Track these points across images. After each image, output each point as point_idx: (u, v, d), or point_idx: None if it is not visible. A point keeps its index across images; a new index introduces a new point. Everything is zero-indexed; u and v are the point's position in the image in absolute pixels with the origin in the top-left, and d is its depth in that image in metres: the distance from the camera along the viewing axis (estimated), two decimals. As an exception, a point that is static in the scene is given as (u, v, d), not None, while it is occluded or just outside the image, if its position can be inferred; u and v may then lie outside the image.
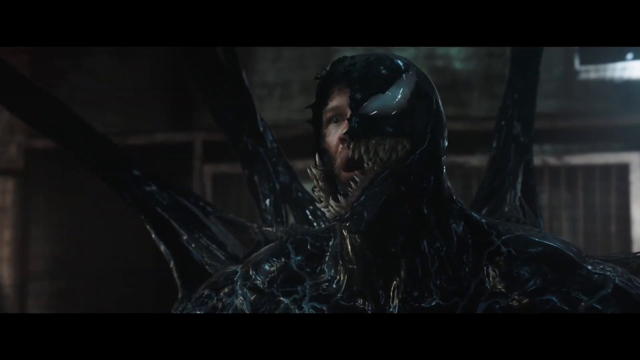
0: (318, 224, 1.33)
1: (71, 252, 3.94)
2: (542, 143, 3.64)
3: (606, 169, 3.51)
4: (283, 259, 1.07)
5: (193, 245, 1.30)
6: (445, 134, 1.00)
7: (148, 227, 1.32)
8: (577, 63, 3.89)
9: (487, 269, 0.97)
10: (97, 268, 3.93)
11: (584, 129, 3.58)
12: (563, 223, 3.60)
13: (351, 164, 0.94)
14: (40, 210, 3.94)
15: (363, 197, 0.92)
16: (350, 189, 0.93)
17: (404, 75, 0.95)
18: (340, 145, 0.95)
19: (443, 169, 0.99)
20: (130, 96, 4.09)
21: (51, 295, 3.91)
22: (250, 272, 1.07)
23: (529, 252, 0.98)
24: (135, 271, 3.97)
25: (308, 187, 1.16)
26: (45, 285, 3.90)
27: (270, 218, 1.37)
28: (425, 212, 0.96)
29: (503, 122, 1.38)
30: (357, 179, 0.93)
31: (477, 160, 3.49)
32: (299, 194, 1.38)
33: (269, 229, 1.32)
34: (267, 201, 1.38)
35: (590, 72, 3.90)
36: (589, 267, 0.97)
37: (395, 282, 0.96)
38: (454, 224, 0.99)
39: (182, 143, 3.83)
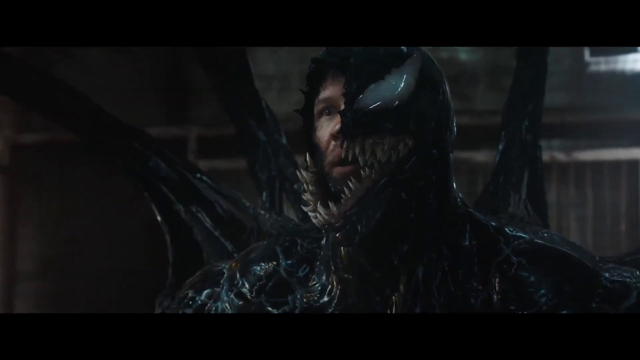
0: None
1: (61, 252, 3.94)
2: (550, 138, 3.64)
3: (616, 165, 3.51)
4: (272, 264, 1.01)
5: (189, 217, 1.27)
6: (454, 126, 0.92)
7: (146, 195, 1.31)
8: (586, 55, 3.89)
9: (495, 281, 0.90)
10: (89, 268, 3.93)
11: (594, 124, 3.58)
12: (571, 222, 3.60)
13: (345, 162, 0.86)
14: (28, 208, 3.94)
15: (357, 207, 0.84)
16: (343, 195, 0.85)
17: (407, 61, 0.86)
18: (333, 142, 0.88)
19: (450, 167, 0.91)
20: (121, 88, 4.09)
21: (40, 296, 3.91)
22: (237, 277, 1.02)
23: (542, 262, 0.91)
24: (130, 271, 3.97)
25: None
26: (34, 285, 3.90)
27: (267, 207, 1.35)
28: (430, 217, 0.88)
29: (509, 120, 1.34)
30: (351, 185, 0.85)
31: (483, 156, 3.49)
32: (299, 185, 1.33)
33: (264, 212, 1.29)
34: (264, 192, 1.36)
35: (601, 65, 3.91)
36: (606, 275, 0.92)
37: (394, 297, 0.90)
38: (460, 230, 0.91)
39: (175, 138, 3.83)
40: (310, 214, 0.89)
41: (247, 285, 1.01)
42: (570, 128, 3.58)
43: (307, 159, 0.92)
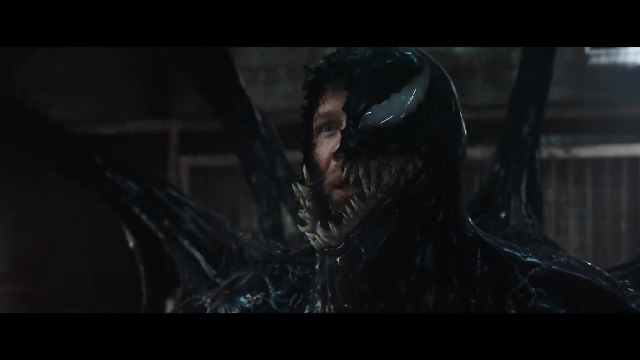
0: None
1: (36, 253, 3.91)
2: (548, 134, 3.65)
3: (617, 162, 3.53)
4: (260, 295, 0.97)
5: (162, 236, 1.25)
6: (464, 141, 0.88)
7: (117, 217, 1.30)
8: (586, 47, 3.92)
9: (511, 312, 0.87)
10: (65, 270, 3.91)
11: (594, 119, 3.58)
12: (570, 221, 3.62)
13: (346, 184, 0.81)
14: (1, 207, 3.91)
15: (361, 228, 0.79)
16: (345, 215, 0.80)
17: (416, 77, 0.82)
18: (334, 162, 0.82)
19: (461, 186, 0.86)
20: (100, 80, 4.06)
21: (14, 299, 3.89)
22: (222, 312, 0.98)
23: (563, 292, 0.88)
24: (108, 273, 3.96)
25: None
26: (8, 289, 3.88)
27: (265, 217, 1.35)
28: (438, 241, 0.83)
29: (510, 121, 1.35)
30: (354, 204, 0.80)
31: (480, 152, 3.50)
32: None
33: (241, 233, 1.26)
34: (263, 199, 1.35)
35: (602, 57, 3.93)
36: (634, 305, 0.89)
37: None
38: (470, 256, 0.87)
39: (156, 133, 3.81)
40: (307, 234, 0.84)
41: None
42: (569, 123, 3.58)
43: (304, 172, 0.87)
